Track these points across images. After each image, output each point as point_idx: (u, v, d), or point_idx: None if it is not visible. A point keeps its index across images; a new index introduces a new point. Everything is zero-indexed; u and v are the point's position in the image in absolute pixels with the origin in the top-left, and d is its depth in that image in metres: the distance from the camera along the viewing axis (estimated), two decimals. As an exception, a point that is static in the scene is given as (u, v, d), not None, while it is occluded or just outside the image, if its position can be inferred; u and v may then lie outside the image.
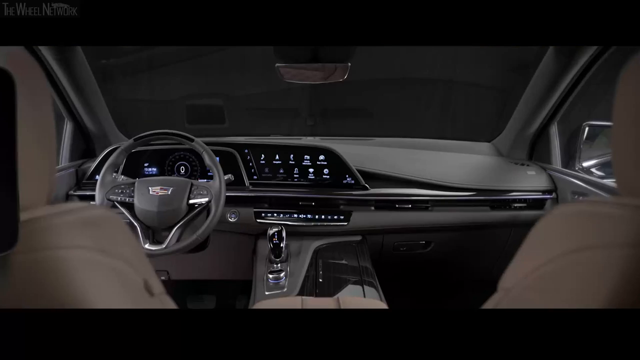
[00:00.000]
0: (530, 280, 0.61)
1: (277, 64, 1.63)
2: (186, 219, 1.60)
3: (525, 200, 1.90)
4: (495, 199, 1.89)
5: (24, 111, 0.50)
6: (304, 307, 1.18)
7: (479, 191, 1.89)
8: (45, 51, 1.72)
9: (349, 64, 1.60)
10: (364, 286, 1.52)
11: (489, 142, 2.29)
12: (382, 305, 1.28)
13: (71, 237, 0.53)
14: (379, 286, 1.56)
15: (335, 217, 1.85)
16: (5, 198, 0.47)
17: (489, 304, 0.71)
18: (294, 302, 1.21)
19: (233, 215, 1.85)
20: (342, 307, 1.18)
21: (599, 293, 0.51)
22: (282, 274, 1.57)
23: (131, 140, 1.66)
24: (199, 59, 2.67)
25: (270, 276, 1.56)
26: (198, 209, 1.62)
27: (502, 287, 0.68)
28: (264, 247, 1.76)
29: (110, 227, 0.59)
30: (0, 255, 0.47)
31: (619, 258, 0.50)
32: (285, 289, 1.50)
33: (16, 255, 0.48)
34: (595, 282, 0.52)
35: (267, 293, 1.48)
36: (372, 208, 1.87)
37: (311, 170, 1.91)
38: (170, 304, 0.69)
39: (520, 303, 0.63)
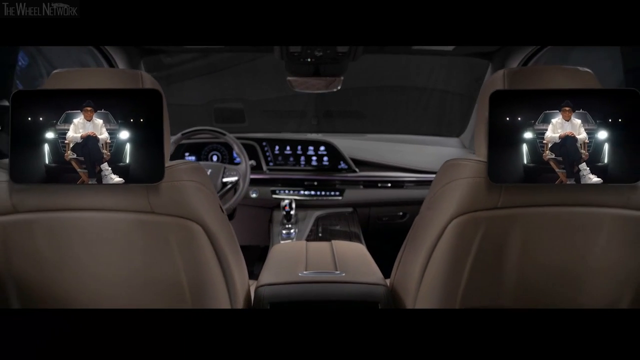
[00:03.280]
0: (429, 204, 1.08)
1: (288, 77, 2.08)
2: (220, 193, 2.06)
3: None
4: None
5: None
6: (307, 249, 1.63)
7: None
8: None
9: (342, 77, 2.05)
10: None
11: (457, 137, 2.74)
12: (364, 249, 1.72)
13: (187, 175, 0.99)
14: (364, 244, 2.02)
15: (332, 193, 2.33)
16: (159, 156, 0.93)
17: (414, 221, 1.16)
18: (300, 245, 1.66)
19: (254, 193, 2.33)
20: (335, 248, 1.63)
21: (454, 202, 0.97)
22: (292, 230, 2.05)
23: (179, 134, 2.13)
24: (223, 71, 3.15)
25: (284, 232, 2.04)
26: (229, 186, 2.08)
27: (420, 211, 1.14)
28: (278, 215, 2.24)
29: (203, 172, 1.05)
30: (156, 184, 0.93)
31: (463, 184, 0.96)
32: (295, 239, 1.97)
33: (163, 184, 0.94)
34: (453, 198, 0.97)
35: (281, 242, 1.95)
36: (361, 186, 2.34)
37: (314, 158, 2.39)
38: (229, 222, 1.15)
39: (422, 216, 1.09)
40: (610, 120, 0.92)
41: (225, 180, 2.07)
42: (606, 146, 0.92)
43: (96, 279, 0.98)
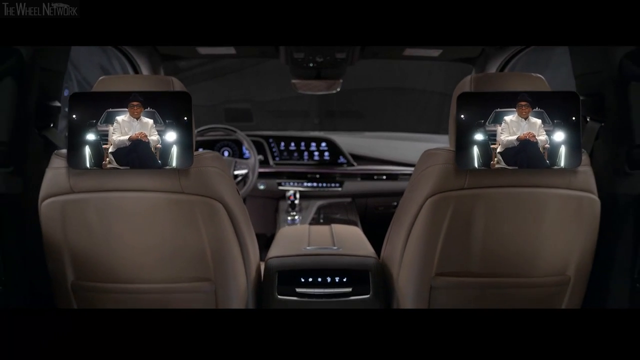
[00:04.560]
0: (410, 187, 1.27)
1: (292, 80, 2.26)
2: None
3: None
4: None
5: None
6: (310, 230, 1.81)
7: None
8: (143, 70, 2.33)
9: (341, 80, 2.24)
10: None
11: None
12: (360, 231, 1.91)
13: (211, 162, 1.18)
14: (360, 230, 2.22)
15: (333, 184, 2.54)
16: (188, 148, 1.12)
17: (399, 202, 1.35)
18: (304, 227, 1.86)
19: (262, 185, 2.53)
20: (334, 230, 1.81)
21: (429, 184, 1.16)
22: (296, 217, 2.25)
23: (195, 131, 2.33)
24: (232, 74, 3.35)
25: (289, 219, 2.25)
26: (239, 178, 2.28)
27: (403, 194, 1.33)
28: (284, 204, 2.44)
29: (223, 161, 1.25)
30: (186, 168, 1.12)
31: (436, 169, 1.15)
32: (299, 225, 2.18)
33: (191, 169, 1.13)
34: (428, 181, 1.17)
35: (287, 226, 2.16)
36: (359, 179, 2.55)
37: (316, 153, 2.60)
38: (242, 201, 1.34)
39: (405, 198, 1.28)
40: (554, 117, 1.11)
41: (236, 172, 2.27)
42: (552, 138, 1.11)
43: (136, 248, 1.17)
